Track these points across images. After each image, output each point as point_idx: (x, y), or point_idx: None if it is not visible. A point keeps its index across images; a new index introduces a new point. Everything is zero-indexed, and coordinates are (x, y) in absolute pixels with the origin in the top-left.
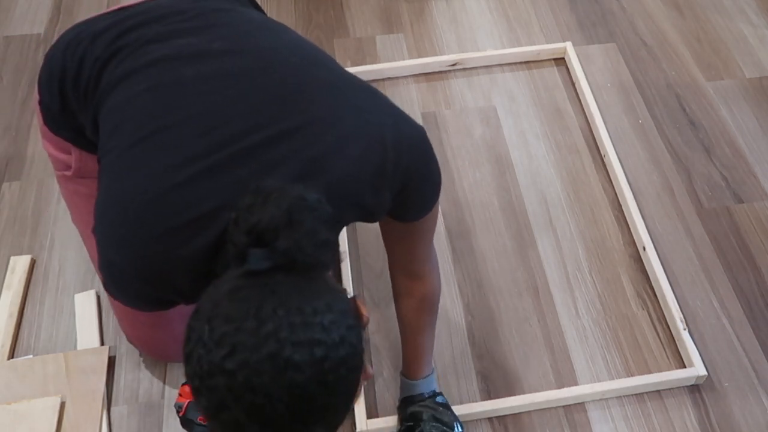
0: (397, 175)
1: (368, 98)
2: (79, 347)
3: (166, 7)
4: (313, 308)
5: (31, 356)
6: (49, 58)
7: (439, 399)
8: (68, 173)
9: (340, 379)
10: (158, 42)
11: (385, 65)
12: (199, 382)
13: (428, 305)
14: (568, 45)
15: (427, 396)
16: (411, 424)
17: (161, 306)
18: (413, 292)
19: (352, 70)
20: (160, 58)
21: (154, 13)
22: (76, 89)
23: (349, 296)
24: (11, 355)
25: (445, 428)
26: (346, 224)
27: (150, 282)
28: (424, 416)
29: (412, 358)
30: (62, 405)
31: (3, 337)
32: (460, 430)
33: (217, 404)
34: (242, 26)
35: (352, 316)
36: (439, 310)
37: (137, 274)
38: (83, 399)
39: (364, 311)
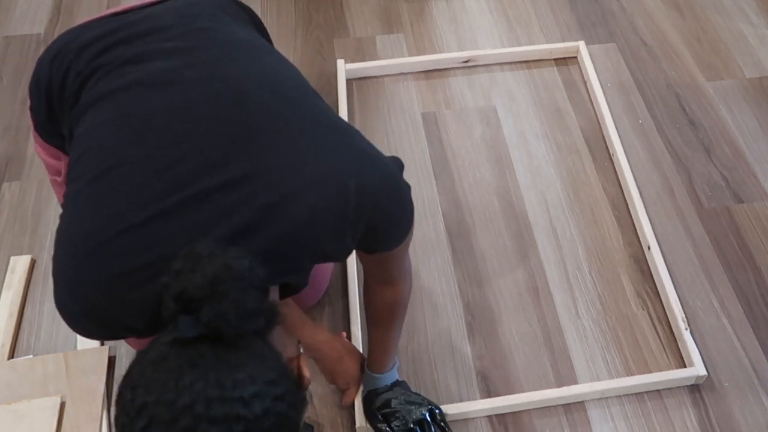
0: (360, 221)
1: (336, 141)
2: (79, 347)
3: (153, 21)
4: (234, 381)
5: (31, 356)
6: (39, 65)
7: (402, 386)
8: (59, 179)
9: None
10: (135, 63)
11: (394, 61)
12: None
13: (397, 307)
14: (581, 44)
15: (389, 385)
16: (386, 411)
17: (116, 339)
18: (384, 296)
19: (356, 66)
20: (132, 83)
21: (140, 26)
22: (60, 101)
23: (294, 354)
24: (11, 355)
25: (419, 403)
26: (308, 268)
27: (100, 322)
28: (393, 403)
29: (379, 353)
30: (62, 405)
31: (3, 337)
32: (434, 407)
33: None
34: (222, 49)
35: (282, 384)
36: (440, 311)
37: (87, 314)
38: (83, 399)
39: (306, 372)
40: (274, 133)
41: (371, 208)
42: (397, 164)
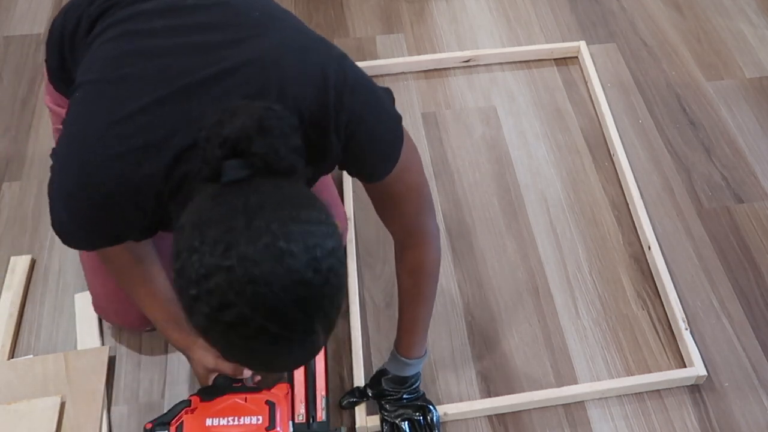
0: (341, 118)
1: (321, 45)
2: (79, 347)
3: None
4: (298, 203)
5: (31, 356)
6: (54, 20)
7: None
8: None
9: (331, 267)
10: (142, 1)
11: (394, 60)
12: (195, 289)
13: (422, 277)
14: (582, 44)
15: (404, 388)
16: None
17: (108, 240)
18: (407, 261)
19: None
20: (139, 12)
21: None
22: (72, 46)
23: None
24: (11, 355)
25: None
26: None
27: (98, 207)
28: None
29: (404, 332)
30: (62, 405)
31: (3, 337)
32: (432, 410)
33: (219, 304)
34: None
35: (332, 216)
36: (440, 310)
37: (88, 197)
38: (83, 399)
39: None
40: (261, 37)
41: (349, 107)
42: (387, 93)
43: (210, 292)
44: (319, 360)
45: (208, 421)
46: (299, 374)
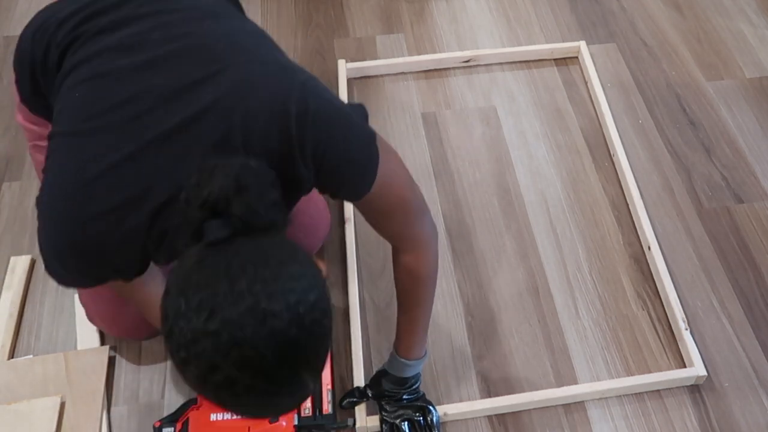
0: (305, 149)
1: (282, 74)
2: (79, 347)
3: None
4: (279, 260)
5: (31, 356)
6: (21, 40)
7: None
8: (41, 143)
9: (315, 321)
10: (109, 31)
11: (395, 61)
12: (185, 352)
13: (418, 281)
14: (582, 44)
15: (404, 389)
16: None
17: (100, 282)
18: (403, 265)
19: (356, 66)
20: (104, 48)
21: None
22: (44, 74)
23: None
24: (11, 355)
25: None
26: (289, 199)
27: (86, 260)
28: (384, 407)
29: (403, 333)
30: (62, 405)
31: (3, 337)
32: (432, 411)
33: (207, 368)
34: (186, 13)
35: (314, 266)
36: (440, 310)
37: (74, 252)
38: (83, 399)
39: (322, 265)
40: (222, 76)
41: (311, 138)
42: (357, 110)
43: (198, 355)
44: None
45: (213, 416)
46: None
